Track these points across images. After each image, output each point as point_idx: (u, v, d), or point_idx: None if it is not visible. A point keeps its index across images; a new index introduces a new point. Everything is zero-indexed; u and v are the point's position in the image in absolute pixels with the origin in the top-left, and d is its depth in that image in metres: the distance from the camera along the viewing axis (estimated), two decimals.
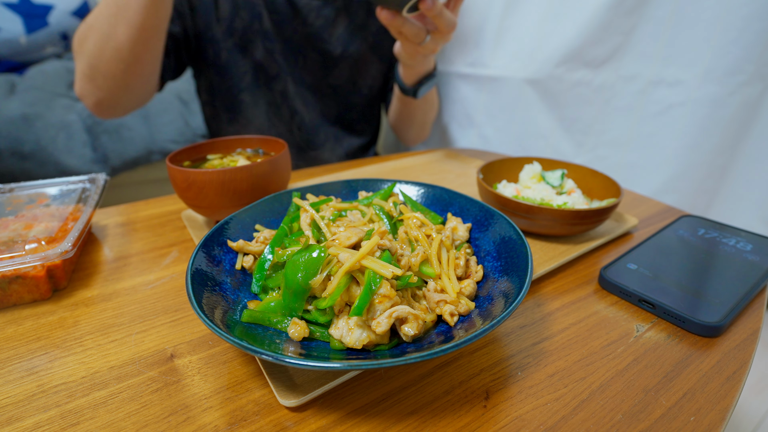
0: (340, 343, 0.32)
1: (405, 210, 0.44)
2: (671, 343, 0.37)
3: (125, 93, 0.75)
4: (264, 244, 0.42)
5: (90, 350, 0.36)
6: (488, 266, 0.41)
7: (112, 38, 0.68)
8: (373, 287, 0.32)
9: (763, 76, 0.79)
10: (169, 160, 0.51)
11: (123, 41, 0.68)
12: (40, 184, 0.56)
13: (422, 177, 0.74)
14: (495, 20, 1.02)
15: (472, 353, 0.36)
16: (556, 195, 0.55)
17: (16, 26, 1.51)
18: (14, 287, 0.41)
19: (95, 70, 0.71)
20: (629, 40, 0.88)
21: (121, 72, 0.71)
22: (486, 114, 1.11)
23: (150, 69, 0.74)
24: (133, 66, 0.71)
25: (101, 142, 1.34)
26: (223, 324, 0.31)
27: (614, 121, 0.94)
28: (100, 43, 0.68)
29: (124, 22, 0.66)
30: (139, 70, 0.73)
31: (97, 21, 0.68)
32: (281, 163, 0.53)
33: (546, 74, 0.97)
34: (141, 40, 0.69)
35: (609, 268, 0.45)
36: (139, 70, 0.73)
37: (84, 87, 0.74)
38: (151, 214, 0.61)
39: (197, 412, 0.30)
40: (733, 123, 0.83)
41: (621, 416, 0.30)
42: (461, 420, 0.30)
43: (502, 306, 0.32)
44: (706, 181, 0.89)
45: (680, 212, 0.62)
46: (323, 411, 0.30)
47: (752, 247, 0.50)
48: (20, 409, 0.31)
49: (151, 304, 0.42)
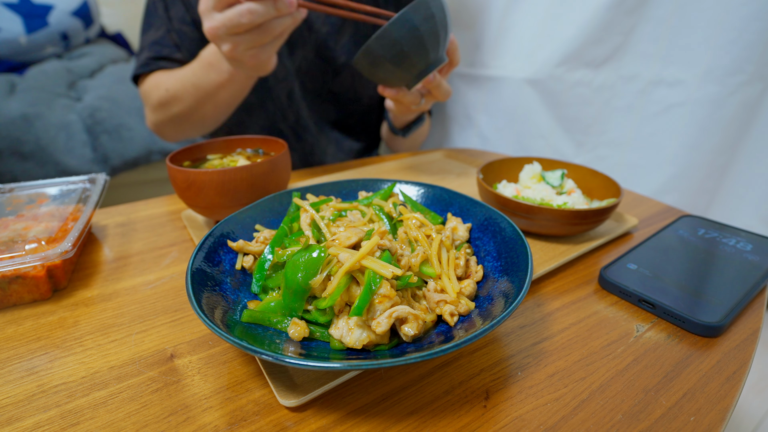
0: (340, 343, 0.32)
1: (404, 211, 0.44)
2: (671, 343, 0.37)
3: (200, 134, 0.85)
4: (264, 244, 0.42)
5: (90, 350, 0.36)
6: (488, 266, 0.41)
7: (199, 111, 0.75)
8: (373, 287, 0.32)
9: (763, 76, 0.79)
10: (169, 160, 0.51)
11: (208, 114, 0.76)
12: (40, 184, 0.56)
13: (422, 177, 0.74)
14: (495, 20, 1.02)
15: (472, 353, 0.36)
16: (556, 195, 0.55)
17: (16, 26, 1.51)
18: (14, 287, 0.41)
19: (178, 125, 0.79)
20: (629, 40, 0.88)
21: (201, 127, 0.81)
22: (486, 114, 1.11)
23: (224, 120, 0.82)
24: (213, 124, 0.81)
25: (101, 142, 1.34)
26: (223, 324, 0.31)
27: (614, 121, 0.94)
28: (185, 112, 0.75)
29: (213, 102, 0.73)
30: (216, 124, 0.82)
31: (184, 95, 0.73)
32: (281, 163, 0.53)
33: (546, 74, 0.97)
34: (224, 113, 0.78)
35: (609, 268, 0.45)
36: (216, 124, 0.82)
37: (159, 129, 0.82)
38: (151, 214, 0.61)
39: (197, 412, 0.30)
40: (733, 123, 0.83)
41: (621, 416, 0.30)
42: (461, 420, 0.30)
43: (502, 306, 0.32)
44: (706, 181, 0.89)
45: (680, 212, 0.62)
46: (323, 411, 0.30)
47: (752, 247, 0.50)
48: (20, 409, 0.31)
49: (151, 304, 0.42)
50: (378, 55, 0.55)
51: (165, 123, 0.79)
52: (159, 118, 0.79)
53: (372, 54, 0.56)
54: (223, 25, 0.52)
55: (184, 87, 0.72)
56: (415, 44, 0.55)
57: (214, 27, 0.53)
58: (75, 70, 1.58)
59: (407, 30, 0.53)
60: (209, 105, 0.73)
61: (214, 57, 0.66)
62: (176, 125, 0.79)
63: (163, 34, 0.78)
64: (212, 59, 0.67)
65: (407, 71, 0.58)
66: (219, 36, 0.54)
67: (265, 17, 0.52)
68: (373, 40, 0.54)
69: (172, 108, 0.75)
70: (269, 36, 0.55)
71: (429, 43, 0.56)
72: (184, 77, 0.72)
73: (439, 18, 0.55)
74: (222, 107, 0.75)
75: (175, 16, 0.78)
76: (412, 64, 0.57)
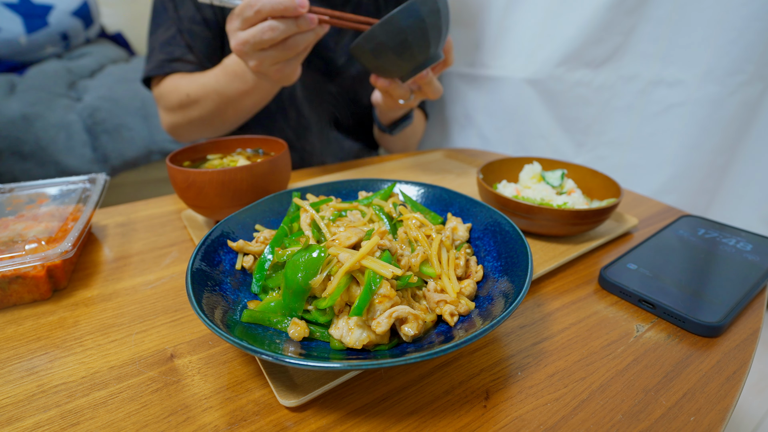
0: (340, 343, 0.32)
1: (404, 211, 0.44)
2: (671, 343, 0.37)
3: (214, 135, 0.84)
4: (264, 244, 0.42)
5: (90, 350, 0.36)
6: (488, 266, 0.41)
7: (219, 117, 0.75)
8: (373, 287, 0.32)
9: (763, 76, 0.79)
10: (169, 160, 0.51)
11: (229, 120, 0.76)
12: (40, 184, 0.56)
13: (422, 177, 0.74)
14: (495, 20, 1.02)
15: (472, 353, 0.36)
16: (556, 195, 0.55)
17: (16, 26, 1.51)
18: (14, 287, 0.41)
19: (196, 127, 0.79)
20: (629, 40, 0.88)
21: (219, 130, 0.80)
22: (486, 114, 1.10)
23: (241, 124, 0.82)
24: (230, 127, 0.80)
25: (101, 142, 1.34)
26: (223, 324, 0.31)
27: (614, 121, 0.94)
28: (204, 116, 0.75)
29: (235, 109, 0.73)
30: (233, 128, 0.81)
31: (206, 101, 0.73)
32: (281, 163, 0.53)
33: (546, 74, 0.97)
34: (244, 118, 0.77)
35: (609, 268, 0.45)
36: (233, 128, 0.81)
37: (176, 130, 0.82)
38: (151, 214, 0.61)
39: (197, 412, 0.30)
40: (733, 123, 0.83)
41: (621, 416, 0.30)
42: (461, 420, 0.30)
43: (502, 306, 0.32)
44: (706, 181, 0.89)
45: (680, 212, 0.62)
46: (323, 411, 0.30)
47: (752, 247, 0.50)
48: (20, 409, 0.31)
49: (151, 304, 0.42)
50: (381, 41, 0.55)
51: (183, 125, 0.79)
52: (177, 120, 0.79)
53: (375, 40, 0.56)
54: (247, 41, 0.55)
55: (207, 93, 0.72)
56: (418, 35, 0.55)
57: (239, 43, 0.56)
58: (75, 70, 1.58)
59: (414, 20, 0.54)
60: (231, 110, 0.73)
61: (239, 67, 0.66)
62: (194, 127, 0.79)
63: (173, 34, 0.77)
64: (237, 69, 0.66)
65: (406, 62, 0.58)
66: (245, 52, 0.57)
67: (286, 33, 0.54)
68: (377, 26, 0.54)
69: (192, 112, 0.75)
70: (293, 51, 0.57)
71: (431, 37, 0.56)
72: (207, 84, 0.71)
73: (444, 14, 0.56)
74: (243, 113, 0.75)
75: (185, 16, 0.77)
76: (413, 55, 0.57)
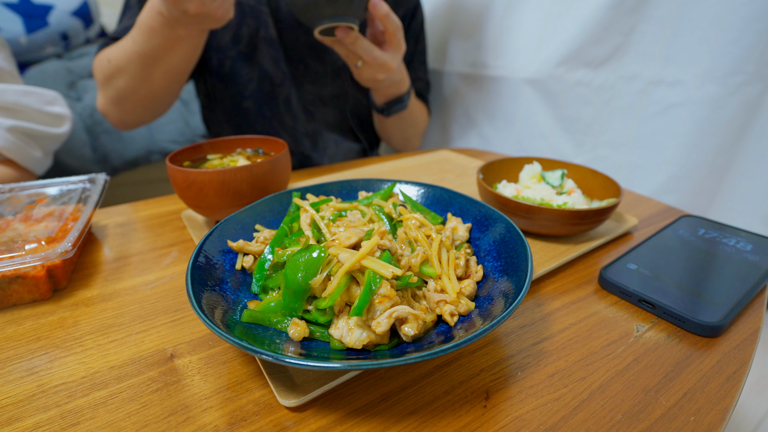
0: (340, 343, 0.32)
1: (404, 211, 0.44)
2: (671, 343, 0.37)
3: (151, 115, 0.80)
4: (264, 244, 0.42)
5: (90, 350, 0.36)
6: (488, 266, 0.41)
7: (147, 82, 0.71)
8: (373, 287, 0.32)
9: (763, 76, 0.79)
10: (169, 160, 0.51)
11: (159, 84, 0.72)
12: (40, 184, 0.56)
13: (422, 177, 0.74)
14: (495, 20, 1.02)
15: (472, 353, 0.36)
16: (556, 195, 0.55)
17: (16, 26, 1.51)
18: (14, 287, 0.41)
19: (124, 101, 0.74)
20: (629, 40, 0.88)
21: (151, 104, 0.76)
22: (486, 114, 1.11)
23: (177, 95, 0.79)
24: (164, 98, 0.76)
25: (101, 142, 1.34)
26: (223, 324, 0.31)
27: (614, 121, 0.94)
28: (132, 84, 0.71)
29: (162, 69, 0.69)
30: (168, 100, 0.77)
31: (128, 65, 0.69)
32: (281, 163, 0.53)
33: (546, 74, 0.97)
34: (177, 81, 0.73)
35: (609, 268, 0.45)
36: (168, 100, 0.77)
37: (109, 109, 0.78)
38: (151, 214, 0.61)
39: (197, 412, 0.30)
40: (733, 123, 0.83)
41: (621, 416, 0.30)
42: (461, 420, 0.30)
43: (502, 306, 0.32)
44: (706, 181, 0.89)
45: (680, 212, 0.62)
46: (323, 411, 0.30)
47: (752, 247, 0.50)
48: (20, 409, 0.31)
49: (151, 304, 0.42)
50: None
51: (113, 101, 0.75)
52: (107, 96, 0.75)
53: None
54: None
55: (127, 56, 0.67)
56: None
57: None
58: (75, 70, 1.58)
59: None
60: (158, 72, 0.69)
61: (155, 21, 0.61)
62: (127, 104, 0.74)
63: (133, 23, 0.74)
64: (153, 23, 0.61)
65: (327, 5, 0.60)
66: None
67: None
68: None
69: (118, 80, 0.70)
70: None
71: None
72: (126, 46, 0.67)
73: None
74: (173, 74, 0.70)
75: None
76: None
